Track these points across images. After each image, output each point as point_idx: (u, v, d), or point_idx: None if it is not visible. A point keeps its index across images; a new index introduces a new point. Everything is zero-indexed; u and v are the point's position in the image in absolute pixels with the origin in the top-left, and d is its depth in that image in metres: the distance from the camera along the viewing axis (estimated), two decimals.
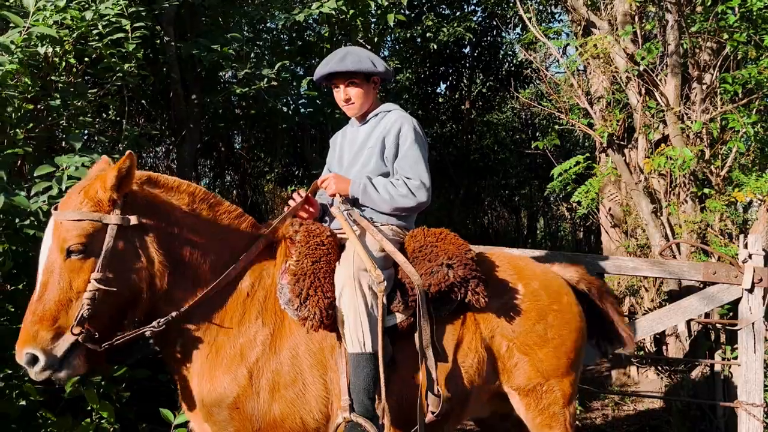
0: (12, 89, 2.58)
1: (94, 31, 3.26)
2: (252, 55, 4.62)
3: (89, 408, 2.59)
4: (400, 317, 2.19)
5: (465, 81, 9.20)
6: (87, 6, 3.09)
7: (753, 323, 3.76)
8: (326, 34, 5.64)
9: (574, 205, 5.15)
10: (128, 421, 2.75)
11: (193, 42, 4.32)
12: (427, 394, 2.15)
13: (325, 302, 2.06)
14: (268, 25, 5.31)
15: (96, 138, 3.39)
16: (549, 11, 8.49)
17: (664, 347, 4.95)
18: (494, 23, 8.59)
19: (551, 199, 13.08)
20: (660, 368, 5.11)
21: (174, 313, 1.98)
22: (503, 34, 8.78)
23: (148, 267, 1.96)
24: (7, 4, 3.50)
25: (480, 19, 8.64)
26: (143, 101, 4.65)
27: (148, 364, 2.99)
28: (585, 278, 2.71)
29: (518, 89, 8.89)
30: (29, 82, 2.93)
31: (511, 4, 5.69)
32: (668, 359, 4.67)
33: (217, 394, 2.02)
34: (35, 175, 2.50)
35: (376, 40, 5.18)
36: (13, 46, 2.52)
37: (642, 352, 5.26)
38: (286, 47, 5.73)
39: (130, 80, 3.43)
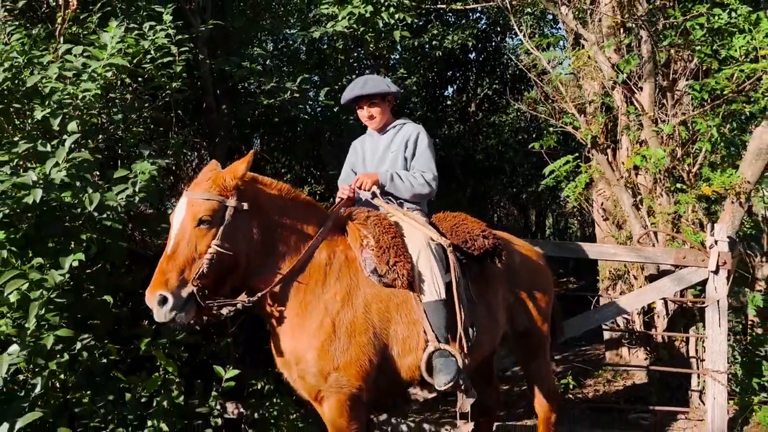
0: (92, 108, 3.27)
1: (147, 56, 3.94)
2: (275, 68, 5.29)
3: (158, 364, 3.27)
4: (446, 277, 2.93)
5: (471, 84, 9.83)
6: (144, 36, 3.77)
7: (718, 301, 4.37)
8: (340, 47, 6.32)
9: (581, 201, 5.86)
10: (186, 376, 3.42)
11: (225, 59, 5.00)
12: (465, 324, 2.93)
13: (408, 266, 2.81)
14: (287, 40, 5.99)
15: (152, 145, 4.06)
16: (550, 18, 9.10)
17: (653, 330, 5.56)
18: (498, 29, 9.21)
19: (560, 196, 13.67)
20: (648, 348, 5.72)
21: (265, 291, 2.64)
22: (507, 40, 9.40)
23: (250, 243, 2.61)
24: (69, 32, 4.21)
25: (484, 26, 9.27)
26: (179, 111, 5.33)
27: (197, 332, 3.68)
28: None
29: (522, 92, 9.51)
30: (93, 100, 3.61)
31: (511, 15, 6.30)
32: (648, 333, 5.29)
33: (308, 339, 2.68)
34: (114, 177, 3.19)
35: (385, 53, 5.84)
36: (95, 74, 3.21)
37: (631, 336, 5.90)
38: (303, 57, 6.41)
39: (178, 96, 4.12)
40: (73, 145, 3.16)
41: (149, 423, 3.17)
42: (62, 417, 3.03)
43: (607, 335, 6.34)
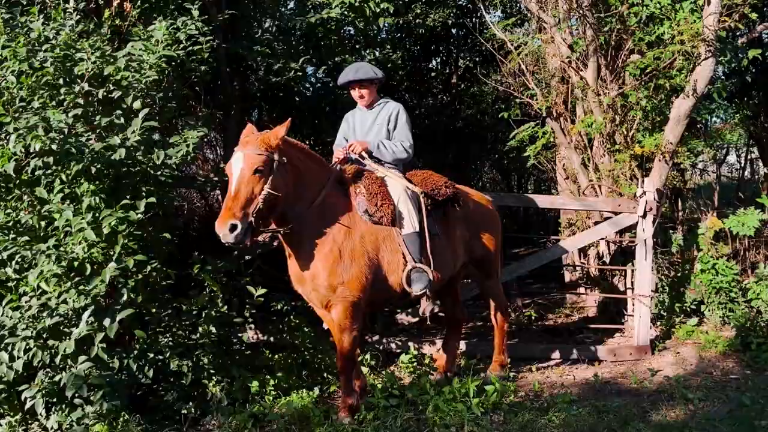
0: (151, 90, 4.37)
1: (180, 45, 4.99)
2: (280, 50, 6.36)
3: (204, 285, 4.43)
4: (419, 216, 4.12)
5: (453, 57, 10.90)
6: (179, 29, 4.81)
7: (645, 240, 5.58)
8: (333, 27, 7.37)
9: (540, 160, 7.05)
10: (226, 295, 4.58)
11: (238, 43, 6.06)
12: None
13: (391, 207, 3.99)
14: (287, 23, 7.04)
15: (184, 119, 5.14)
16: None
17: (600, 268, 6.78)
18: (477, 6, 10.22)
19: (540, 162, 14.85)
20: (599, 286, 6.95)
21: (291, 225, 3.77)
22: (485, 15, 10.41)
23: (287, 187, 3.66)
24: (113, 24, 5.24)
25: (465, 2, 10.30)
26: (197, 88, 6.39)
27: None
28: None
29: (499, 65, 10.57)
30: (151, 84, 4.64)
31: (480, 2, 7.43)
32: (590, 267, 6.52)
33: (321, 262, 3.82)
34: (170, 141, 4.30)
35: (372, 34, 6.93)
36: (153, 64, 4.29)
37: (587, 277, 7.13)
38: (300, 35, 7.46)
39: (206, 77, 5.19)
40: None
41: (200, 329, 4.34)
42: (137, 323, 4.18)
43: (567, 278, 7.58)
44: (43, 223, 4.00)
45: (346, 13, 6.50)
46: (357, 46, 8.12)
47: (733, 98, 9.73)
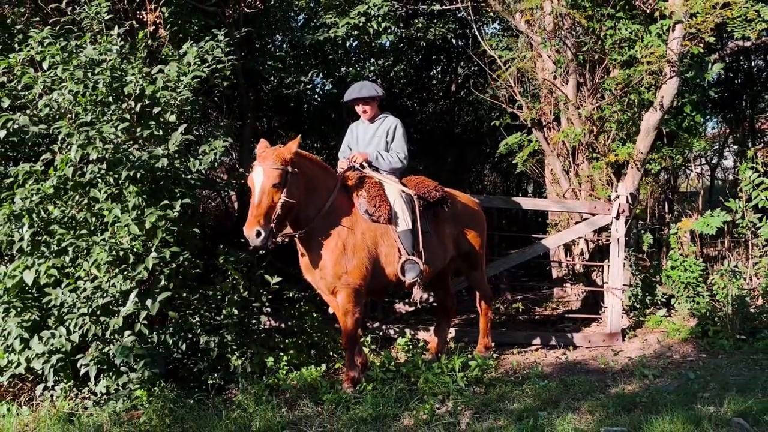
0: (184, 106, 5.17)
1: (206, 65, 5.79)
2: (291, 64, 7.19)
3: (227, 274, 5.23)
4: (412, 216, 4.90)
5: (453, 66, 11.69)
6: (207, 52, 5.61)
7: (618, 239, 6.37)
8: (340, 41, 8.19)
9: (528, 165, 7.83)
10: (247, 283, 5.39)
11: (253, 59, 6.88)
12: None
13: (388, 207, 4.78)
14: (298, 41, 7.87)
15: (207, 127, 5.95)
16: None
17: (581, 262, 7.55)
18: (477, 18, 11.01)
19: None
20: (583, 282, 7.73)
21: (306, 228, 4.59)
22: (477, 34, 11.21)
23: (300, 194, 4.47)
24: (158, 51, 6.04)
25: (464, 15, 11.08)
26: (215, 98, 7.22)
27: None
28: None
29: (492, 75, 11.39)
30: (186, 101, 5.44)
31: (473, 21, 8.20)
32: (580, 264, 7.31)
33: (329, 254, 4.62)
34: (200, 150, 5.10)
35: (376, 50, 7.74)
36: (186, 84, 5.10)
37: (573, 273, 7.90)
38: (309, 49, 8.28)
39: (228, 92, 6.00)
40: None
41: (224, 311, 5.14)
42: (168, 305, 4.98)
43: (554, 274, 8.37)
44: (93, 219, 4.80)
45: (350, 32, 7.32)
46: (361, 56, 8.94)
47: (722, 106, 10.49)
